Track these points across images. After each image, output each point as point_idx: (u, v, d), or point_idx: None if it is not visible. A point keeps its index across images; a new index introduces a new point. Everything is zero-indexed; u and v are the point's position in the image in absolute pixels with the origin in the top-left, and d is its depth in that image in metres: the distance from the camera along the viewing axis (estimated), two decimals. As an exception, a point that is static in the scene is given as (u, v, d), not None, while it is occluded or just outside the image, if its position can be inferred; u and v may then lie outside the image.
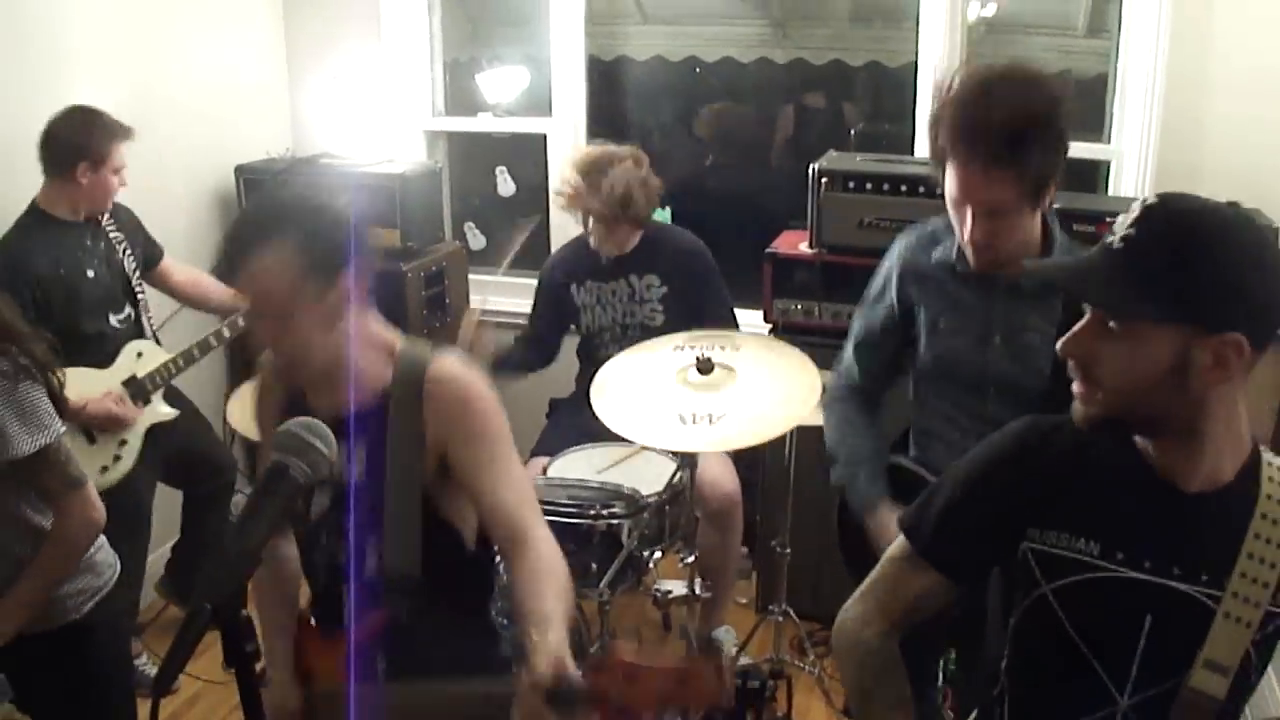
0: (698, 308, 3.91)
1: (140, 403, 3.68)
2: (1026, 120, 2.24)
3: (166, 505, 4.05)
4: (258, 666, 1.45)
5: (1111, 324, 1.53)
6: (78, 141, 3.49)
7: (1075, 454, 1.67)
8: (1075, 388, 1.61)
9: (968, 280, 2.53)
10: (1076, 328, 1.58)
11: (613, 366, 3.34)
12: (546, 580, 1.90)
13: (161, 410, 3.79)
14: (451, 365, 2.09)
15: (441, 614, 2.05)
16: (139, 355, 3.73)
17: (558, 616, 1.81)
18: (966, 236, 2.38)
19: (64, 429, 2.41)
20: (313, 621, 2.31)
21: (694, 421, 3.00)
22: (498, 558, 2.31)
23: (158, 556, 4.20)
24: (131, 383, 3.67)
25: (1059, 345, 1.61)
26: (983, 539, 1.75)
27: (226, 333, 3.91)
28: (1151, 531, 1.61)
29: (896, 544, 1.85)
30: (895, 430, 2.85)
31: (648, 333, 3.93)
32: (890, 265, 2.72)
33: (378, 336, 2.12)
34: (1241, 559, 1.56)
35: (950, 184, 2.36)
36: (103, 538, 2.57)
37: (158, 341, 3.88)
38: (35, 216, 3.52)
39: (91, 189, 3.55)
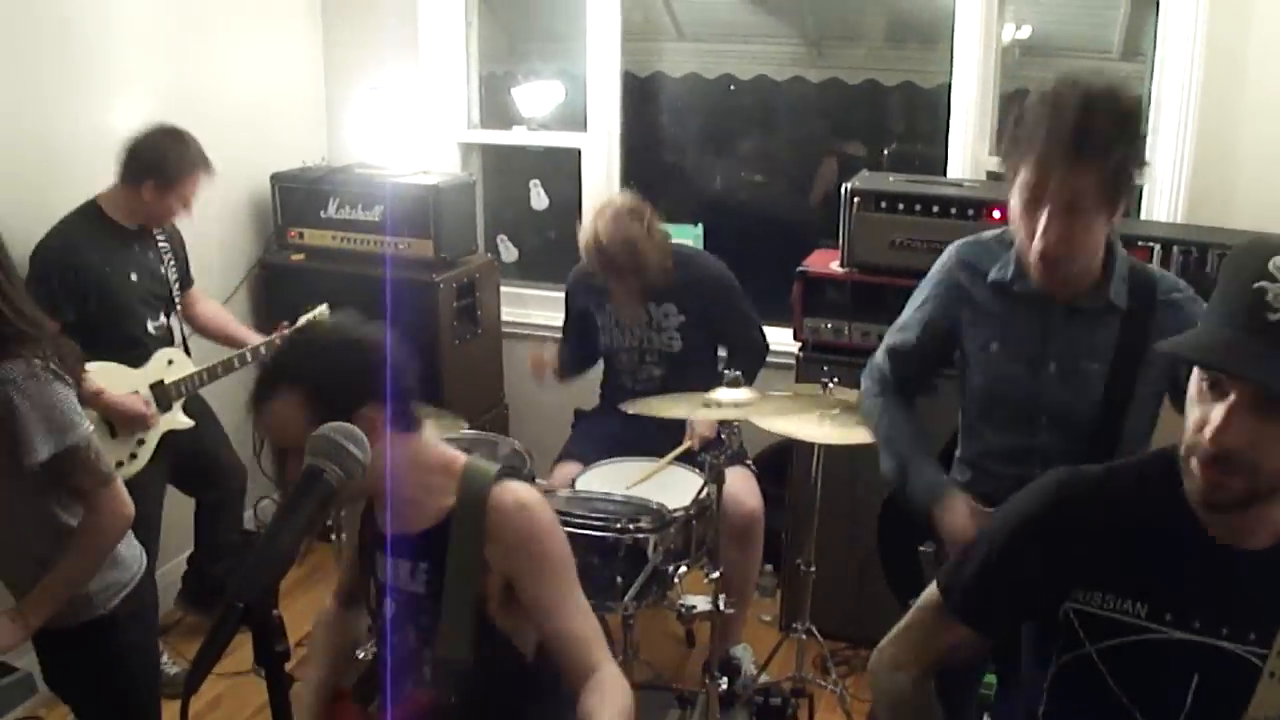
0: (719, 334, 3.95)
1: (162, 408, 3.73)
2: (1112, 111, 2.19)
3: (181, 517, 4.10)
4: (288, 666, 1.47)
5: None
6: (155, 160, 3.57)
7: (1119, 512, 1.63)
8: (1204, 472, 1.48)
9: (1024, 301, 2.45)
10: (1224, 416, 1.43)
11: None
12: (608, 710, 1.93)
13: (180, 419, 3.84)
14: (516, 494, 2.08)
15: (490, 709, 2.09)
16: (170, 363, 3.79)
17: None
18: (1038, 240, 2.24)
19: (92, 428, 2.44)
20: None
21: (720, 407, 3.07)
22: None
23: (173, 566, 4.24)
24: (158, 387, 3.72)
25: (1210, 436, 1.45)
26: (1021, 600, 1.73)
27: (249, 358, 3.95)
28: (1201, 591, 1.57)
29: (930, 594, 1.84)
30: (938, 441, 2.80)
31: (664, 358, 3.96)
32: (939, 279, 2.63)
33: (435, 458, 2.11)
34: None
35: (1026, 182, 2.24)
36: (129, 533, 2.60)
37: (188, 352, 3.94)
38: (90, 213, 3.58)
39: (152, 207, 3.64)
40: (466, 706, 2.04)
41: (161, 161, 3.58)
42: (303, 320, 4.09)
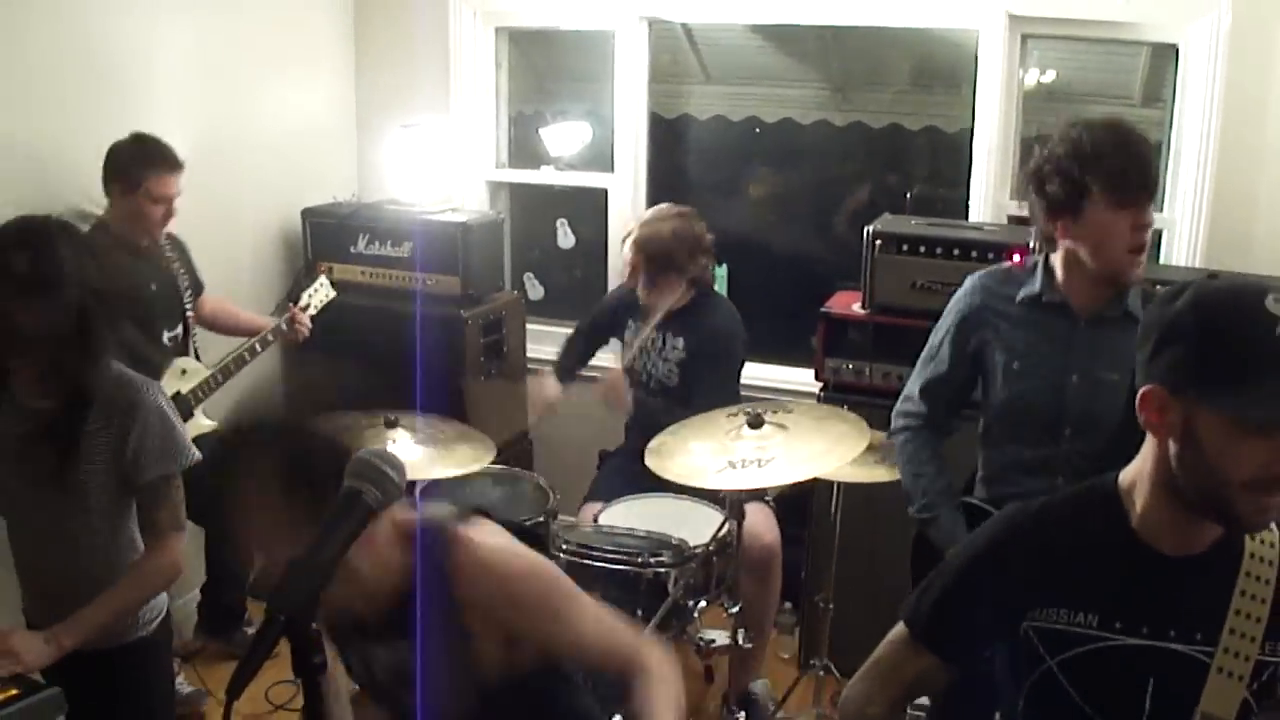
0: (694, 381, 3.99)
1: (184, 418, 3.77)
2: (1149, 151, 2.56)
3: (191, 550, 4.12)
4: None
5: None
6: (116, 165, 3.66)
7: (1066, 532, 1.74)
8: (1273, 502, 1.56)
9: (1050, 313, 2.66)
10: None
11: (667, 439, 3.40)
12: (666, 702, 1.95)
13: (203, 423, 3.89)
14: (468, 551, 1.95)
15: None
16: (183, 372, 3.85)
17: None
18: (1128, 245, 2.53)
19: (196, 458, 2.53)
20: None
21: (743, 466, 3.09)
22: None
23: (188, 599, 4.30)
24: (176, 398, 3.76)
25: None
26: (980, 624, 1.82)
27: (259, 347, 4.03)
28: (1145, 599, 1.67)
29: (897, 628, 1.92)
30: (962, 472, 2.92)
31: (665, 390, 4.02)
32: (960, 306, 2.83)
33: (390, 532, 1.95)
34: (1231, 615, 1.63)
35: (1106, 219, 2.50)
36: None
37: (198, 359, 4.00)
38: (103, 231, 3.61)
39: (126, 212, 3.68)
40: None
41: (121, 164, 3.65)
42: (304, 299, 4.23)
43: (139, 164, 3.66)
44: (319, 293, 4.33)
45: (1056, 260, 2.66)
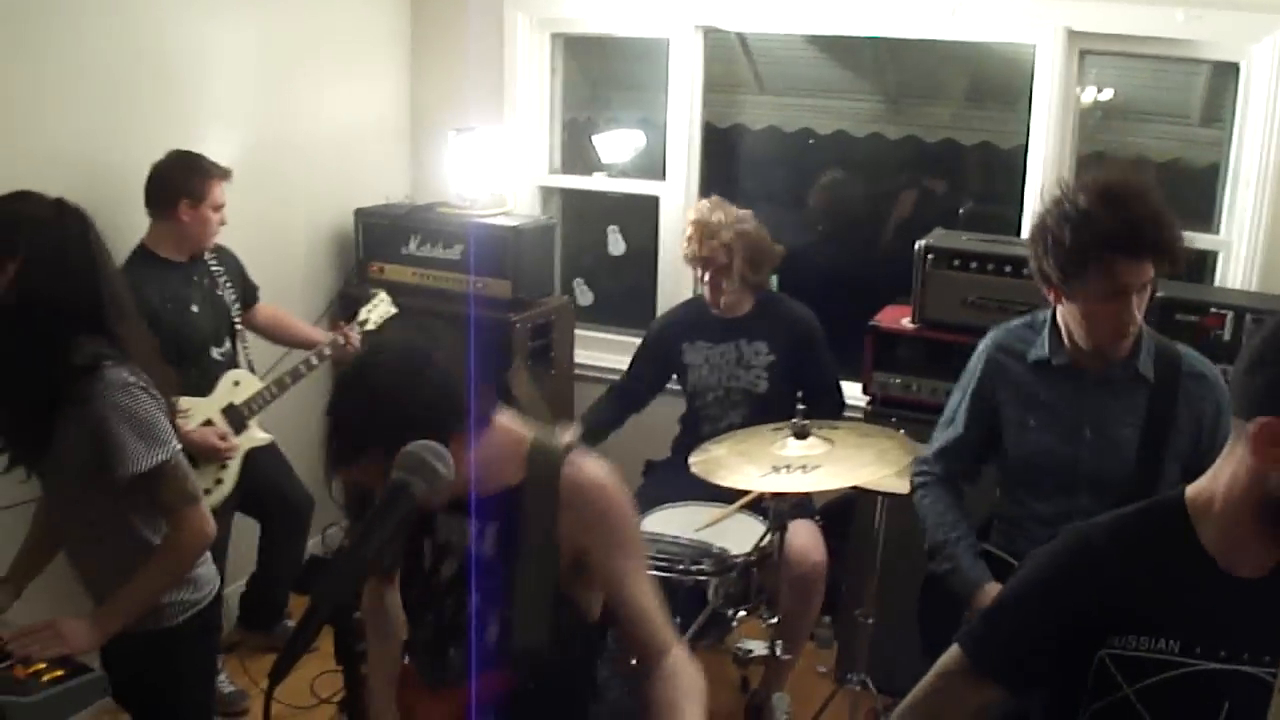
0: (802, 378, 3.96)
1: (237, 429, 3.83)
2: (1157, 209, 2.46)
3: (244, 540, 4.19)
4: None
5: None
6: (179, 181, 3.69)
7: (1141, 556, 1.70)
8: None
9: (1060, 375, 2.69)
10: None
11: (710, 450, 3.42)
12: (688, 699, 1.98)
13: (258, 435, 3.95)
14: (588, 470, 2.12)
15: (559, 680, 2.14)
16: (236, 384, 3.90)
17: None
18: (1114, 330, 2.54)
19: (180, 447, 2.54)
20: (417, 672, 2.37)
21: (788, 471, 3.11)
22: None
23: (232, 590, 4.30)
24: (230, 410, 3.83)
25: None
26: (1054, 654, 1.77)
27: (315, 361, 4.07)
28: (1221, 622, 1.65)
29: (952, 658, 1.86)
30: (978, 518, 2.95)
31: (750, 398, 4.00)
32: (978, 368, 2.87)
33: (504, 436, 2.12)
34: None
35: (1105, 282, 2.48)
36: (207, 554, 2.69)
37: (252, 370, 4.04)
38: (143, 256, 3.70)
39: (193, 226, 3.73)
40: (541, 686, 2.09)
41: (187, 180, 3.69)
42: (363, 314, 4.23)
43: (200, 175, 3.72)
44: (378, 308, 4.34)
45: (1060, 319, 2.69)
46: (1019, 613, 1.81)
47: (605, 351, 5.08)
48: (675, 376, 4.24)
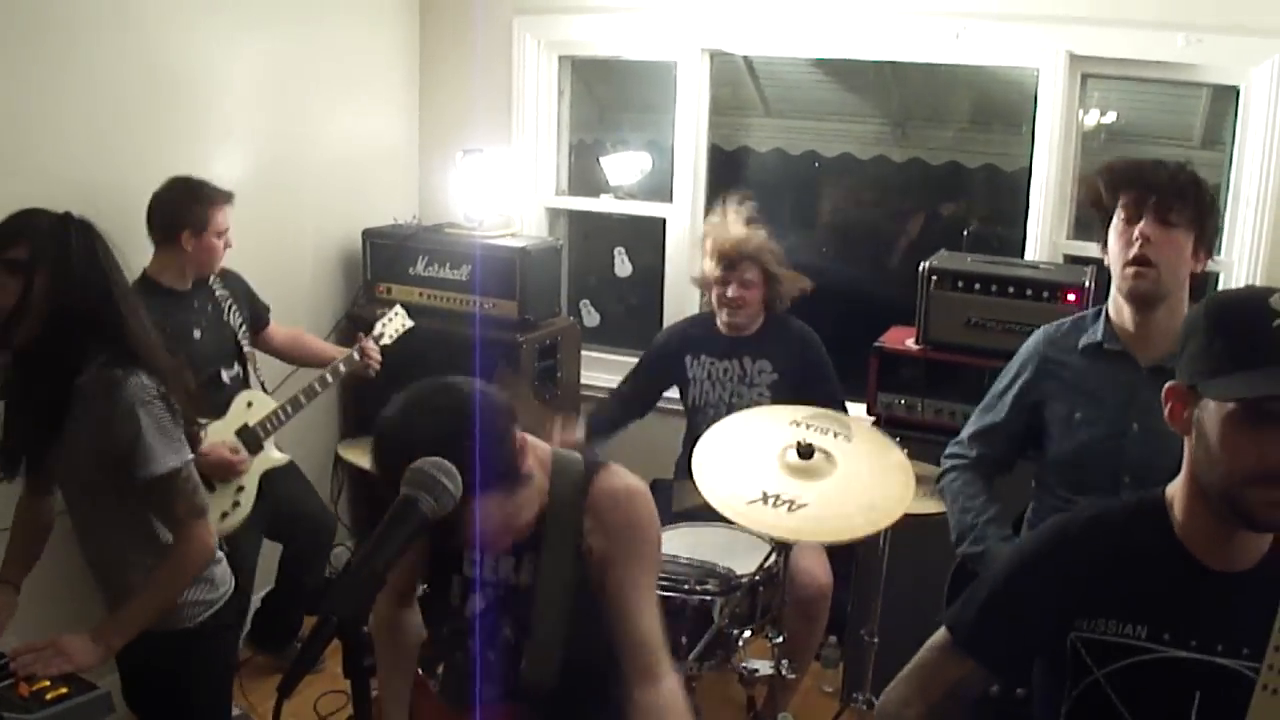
0: (806, 397, 3.95)
1: (253, 450, 3.83)
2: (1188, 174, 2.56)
3: (261, 558, 4.17)
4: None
5: None
6: (180, 211, 3.66)
7: (1116, 543, 1.76)
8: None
9: (1112, 362, 2.67)
10: None
11: (723, 429, 3.41)
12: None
13: (274, 456, 3.94)
14: (624, 480, 2.15)
15: (592, 689, 2.16)
16: (249, 405, 3.88)
17: None
18: (1134, 247, 2.54)
19: (193, 456, 2.57)
20: (432, 686, 2.40)
21: (775, 504, 3.04)
22: None
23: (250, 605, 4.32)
24: (244, 431, 3.83)
25: None
26: (1025, 632, 1.83)
27: (330, 378, 4.06)
28: (1194, 612, 1.69)
29: (939, 634, 1.93)
30: (1010, 512, 2.91)
31: None
32: (1025, 358, 2.84)
33: (528, 457, 2.10)
34: (1276, 633, 1.60)
35: (1128, 202, 2.56)
36: (221, 553, 2.72)
37: (265, 391, 4.04)
38: (145, 285, 3.63)
39: (197, 254, 3.71)
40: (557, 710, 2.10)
41: (189, 208, 3.66)
42: (379, 328, 4.23)
43: (200, 204, 3.68)
44: (393, 322, 4.33)
45: (1112, 305, 2.70)
46: (993, 593, 1.87)
47: (611, 372, 5.08)
48: (678, 392, 4.26)
